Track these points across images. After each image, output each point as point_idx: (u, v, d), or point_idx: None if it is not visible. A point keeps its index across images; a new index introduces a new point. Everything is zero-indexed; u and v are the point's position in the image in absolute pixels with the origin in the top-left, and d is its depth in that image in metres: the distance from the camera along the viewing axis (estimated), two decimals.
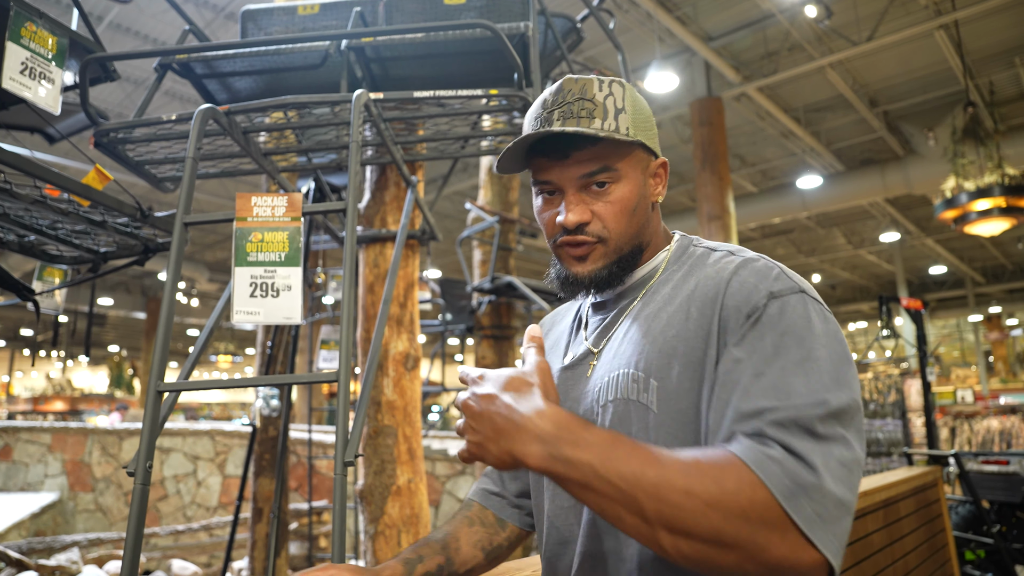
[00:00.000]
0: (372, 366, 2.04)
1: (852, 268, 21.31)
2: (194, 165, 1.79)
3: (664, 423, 0.85)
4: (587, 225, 0.94)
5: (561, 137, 0.92)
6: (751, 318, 0.81)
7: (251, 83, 2.59)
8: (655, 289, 0.97)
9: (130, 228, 2.43)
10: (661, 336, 0.89)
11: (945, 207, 8.71)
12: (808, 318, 0.79)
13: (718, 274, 0.89)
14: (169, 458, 8.51)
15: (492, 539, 1.12)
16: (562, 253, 0.98)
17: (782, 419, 0.71)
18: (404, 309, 3.00)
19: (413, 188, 2.69)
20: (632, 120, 0.93)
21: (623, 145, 0.94)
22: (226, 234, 16.35)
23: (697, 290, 0.90)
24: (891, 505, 2.75)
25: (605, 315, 1.02)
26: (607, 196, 0.93)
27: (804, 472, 0.67)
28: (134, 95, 9.82)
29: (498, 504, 1.15)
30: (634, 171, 0.95)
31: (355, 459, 1.54)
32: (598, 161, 0.92)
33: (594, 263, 0.95)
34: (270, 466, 4.40)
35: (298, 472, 7.59)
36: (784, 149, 12.42)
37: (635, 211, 0.95)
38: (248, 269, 1.58)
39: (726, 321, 0.83)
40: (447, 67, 2.43)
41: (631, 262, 0.97)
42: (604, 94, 0.92)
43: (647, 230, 0.99)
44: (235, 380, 1.53)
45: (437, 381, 7.00)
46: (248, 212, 1.61)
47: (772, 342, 0.78)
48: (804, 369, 0.75)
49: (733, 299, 0.84)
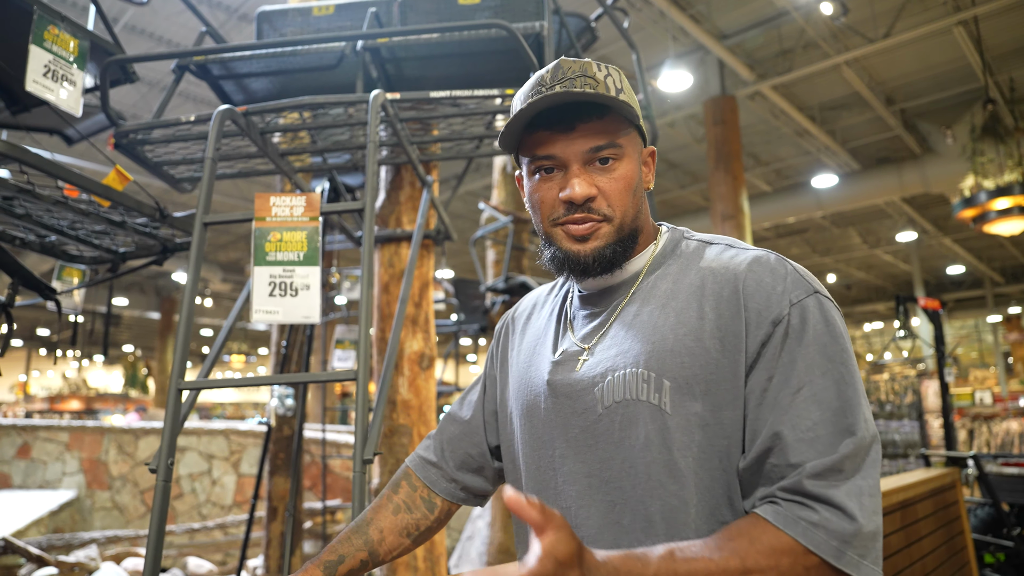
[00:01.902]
0: (390, 365, 2.05)
1: (868, 268, 21.14)
2: (213, 165, 1.82)
3: (681, 425, 0.84)
4: (592, 201, 0.91)
5: (567, 109, 0.89)
6: (777, 327, 0.83)
7: (267, 84, 2.62)
8: (652, 284, 0.94)
9: (149, 228, 2.46)
10: (672, 334, 0.87)
11: (964, 206, 8.63)
12: (828, 322, 0.84)
13: (728, 271, 0.88)
14: (184, 457, 8.58)
15: (419, 524, 1.11)
16: (559, 233, 0.93)
17: (820, 471, 0.77)
18: (419, 309, 3.02)
19: (429, 188, 2.70)
20: (629, 101, 0.92)
21: (625, 123, 0.93)
22: (239, 234, 16.47)
23: (707, 287, 0.88)
24: (908, 507, 2.74)
25: (596, 310, 0.98)
26: (612, 172, 0.91)
27: (845, 524, 0.74)
28: (148, 96, 9.92)
29: (434, 476, 1.13)
30: (633, 152, 0.94)
31: (373, 457, 1.55)
32: (606, 135, 0.90)
33: (597, 241, 0.92)
34: (285, 465, 4.43)
35: (312, 471, 7.64)
36: (799, 148, 12.34)
37: (635, 191, 0.94)
38: (267, 268, 1.60)
39: (749, 324, 0.84)
40: (461, 67, 2.44)
41: (631, 244, 0.94)
42: (604, 74, 0.90)
43: (641, 216, 0.97)
44: (255, 379, 1.55)
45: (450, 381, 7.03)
46: (267, 212, 1.63)
47: (803, 361, 0.82)
48: (835, 393, 0.80)
49: (754, 300, 0.85)
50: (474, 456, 1.13)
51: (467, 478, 1.13)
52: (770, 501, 0.79)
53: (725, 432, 0.84)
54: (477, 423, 1.15)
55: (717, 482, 0.84)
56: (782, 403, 0.81)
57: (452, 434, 1.16)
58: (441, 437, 1.17)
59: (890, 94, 10.69)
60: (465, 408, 1.17)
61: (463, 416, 1.16)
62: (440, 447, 1.15)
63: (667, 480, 0.84)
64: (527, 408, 1.00)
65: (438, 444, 1.16)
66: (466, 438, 1.14)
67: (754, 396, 0.83)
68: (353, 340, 3.75)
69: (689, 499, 0.83)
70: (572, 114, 0.89)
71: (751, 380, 0.83)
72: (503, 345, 1.16)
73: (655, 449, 0.85)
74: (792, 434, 0.79)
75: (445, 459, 1.14)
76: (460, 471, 1.13)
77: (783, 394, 0.81)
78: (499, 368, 1.14)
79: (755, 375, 0.83)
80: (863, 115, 11.13)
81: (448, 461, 1.14)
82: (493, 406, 1.14)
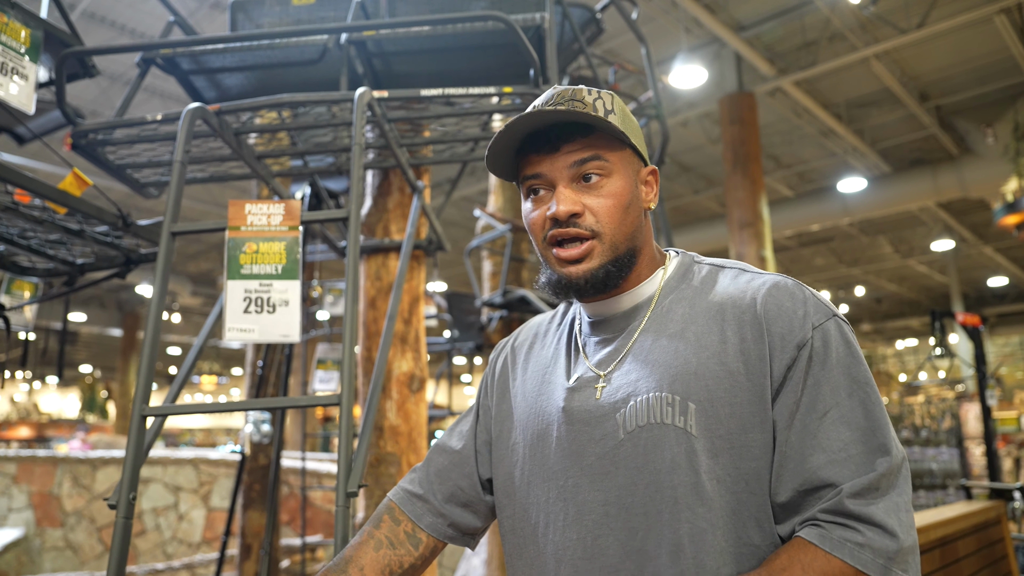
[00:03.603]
0: (376, 388, 2.05)
1: (900, 280, 21.20)
2: (182, 169, 1.82)
3: (708, 448, 0.92)
4: (579, 217, 1.00)
5: (552, 131, 1.00)
6: (802, 351, 0.92)
7: (242, 80, 2.63)
8: (667, 309, 1.02)
9: (110, 238, 2.46)
10: (695, 358, 0.95)
11: (1006, 212, 8.67)
12: (848, 344, 0.94)
13: (747, 296, 0.98)
14: (148, 489, 8.54)
15: (403, 561, 1.12)
16: (551, 255, 1.03)
17: (858, 490, 0.86)
18: (409, 326, 3.02)
19: (419, 194, 2.71)
20: (622, 123, 1.01)
21: (614, 140, 1.02)
22: (212, 243, 16.48)
23: (727, 312, 0.97)
24: (948, 544, 2.73)
25: (608, 336, 1.06)
26: (599, 190, 1.00)
27: (888, 541, 0.84)
28: (110, 91, 9.94)
29: (420, 510, 1.16)
30: (626, 169, 1.03)
31: (358, 489, 1.55)
32: (590, 150, 1.00)
33: (589, 263, 1.00)
34: (260, 498, 4.41)
35: (290, 504, 7.60)
36: (824, 149, 12.41)
37: (628, 209, 1.02)
38: (242, 282, 1.60)
39: (773, 348, 0.93)
40: (455, 63, 2.46)
41: (627, 264, 1.02)
42: (593, 97, 1.01)
43: (640, 235, 1.05)
44: (228, 403, 1.55)
45: (443, 404, 7.01)
46: (242, 221, 1.64)
47: (828, 384, 0.91)
48: (863, 414, 0.90)
49: (777, 325, 0.94)
50: (464, 489, 1.17)
51: (456, 512, 1.16)
52: (812, 524, 0.88)
53: (753, 454, 0.91)
54: (468, 454, 1.19)
55: (744, 505, 0.91)
56: (811, 427, 0.90)
57: (441, 465, 1.19)
58: (428, 468, 1.20)
59: (924, 90, 10.76)
60: (455, 438, 1.21)
61: (453, 446, 1.20)
62: (427, 479, 1.18)
63: (695, 503, 0.90)
64: (536, 438, 1.06)
65: (425, 476, 1.19)
66: (456, 469, 1.18)
67: (782, 420, 0.92)
68: (336, 360, 3.74)
69: (717, 522, 0.90)
70: (557, 136, 1.01)
71: (779, 404, 0.93)
72: (501, 375, 1.20)
73: (682, 472, 0.91)
74: (824, 456, 0.88)
75: (432, 491, 1.17)
76: (448, 504, 1.16)
77: (811, 418, 0.90)
78: (496, 399, 1.19)
79: (782, 399, 0.92)
80: (894, 113, 11.20)
81: (436, 494, 1.17)
82: (487, 437, 1.18)
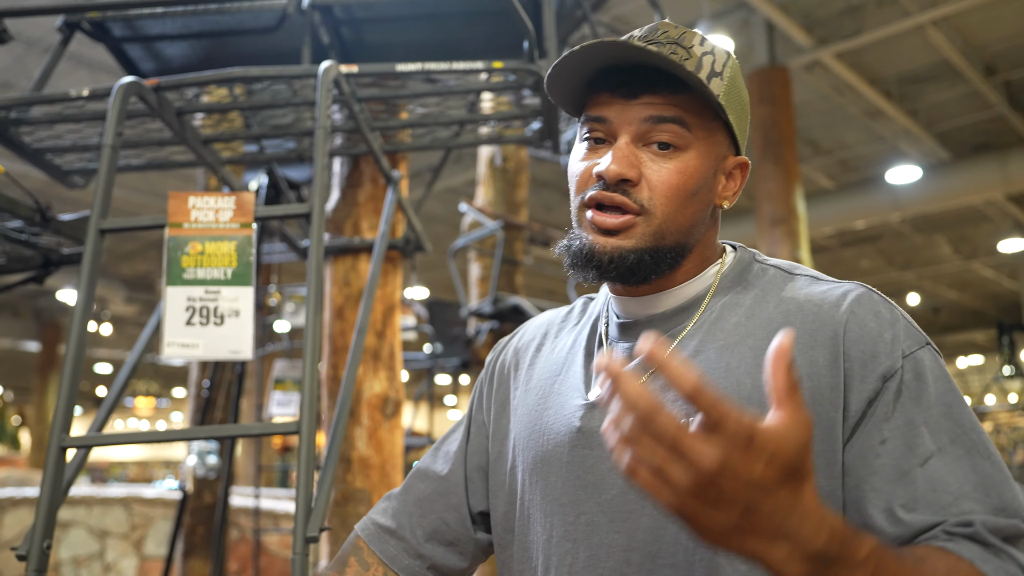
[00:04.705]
0: (343, 413, 2.05)
1: (962, 286, 21.26)
2: (113, 155, 1.83)
3: None
4: (631, 185, 0.94)
5: (637, 72, 0.93)
6: (888, 382, 0.87)
7: (186, 50, 2.64)
8: (718, 315, 0.98)
9: (25, 235, 2.46)
10: (749, 379, 0.90)
11: None
12: (947, 379, 0.88)
13: (822, 310, 0.92)
14: (68, 535, 8.48)
15: None
16: (584, 218, 0.97)
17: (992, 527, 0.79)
18: (382, 339, 3.03)
19: (395, 186, 2.72)
20: (727, 93, 0.95)
21: (707, 110, 0.95)
22: (148, 241, 16.42)
23: (794, 326, 0.92)
24: None
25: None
26: (666, 161, 0.94)
27: None
28: (26, 59, 9.85)
29: (394, 550, 1.10)
30: (708, 150, 0.96)
31: (320, 533, 1.55)
32: (674, 110, 0.93)
33: (623, 240, 0.94)
34: (204, 543, 4.39)
35: (241, 551, 7.57)
36: (870, 132, 12.46)
37: (694, 196, 0.96)
38: (184, 289, 1.60)
39: (851, 377, 0.88)
40: (438, 32, 2.47)
41: (667, 260, 0.96)
42: (704, 49, 0.94)
43: (698, 232, 0.99)
44: (166, 432, 1.55)
45: (422, 431, 7.00)
46: (184, 216, 1.64)
47: (927, 427, 0.85)
48: (969, 465, 0.83)
49: (857, 348, 0.89)
50: (450, 524, 1.11)
51: (438, 552, 1.10)
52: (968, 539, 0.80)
53: None
54: (457, 480, 1.13)
55: None
56: (907, 471, 0.83)
57: (423, 494, 1.14)
58: (406, 497, 1.15)
59: (991, 62, 10.80)
60: (440, 461, 1.16)
61: (438, 471, 1.15)
62: (404, 510, 1.13)
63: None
64: (540, 461, 1.01)
65: (401, 506, 1.14)
66: (441, 499, 1.13)
67: (861, 462, 0.86)
68: (297, 379, 3.74)
69: None
70: (641, 80, 0.94)
71: (856, 443, 0.87)
72: (501, 383, 1.16)
73: None
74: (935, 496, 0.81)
75: (411, 526, 1.11)
76: (430, 543, 1.10)
77: (907, 462, 0.84)
78: (494, 413, 1.14)
79: (861, 437, 0.87)
80: (954, 90, 11.24)
81: (414, 529, 1.11)
82: (480, 460, 1.14)
